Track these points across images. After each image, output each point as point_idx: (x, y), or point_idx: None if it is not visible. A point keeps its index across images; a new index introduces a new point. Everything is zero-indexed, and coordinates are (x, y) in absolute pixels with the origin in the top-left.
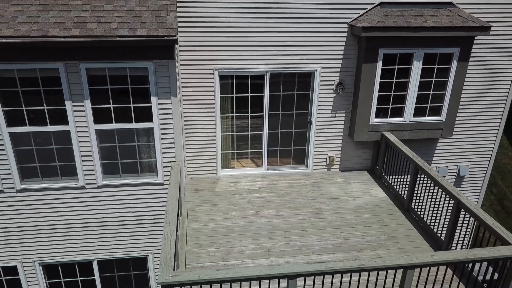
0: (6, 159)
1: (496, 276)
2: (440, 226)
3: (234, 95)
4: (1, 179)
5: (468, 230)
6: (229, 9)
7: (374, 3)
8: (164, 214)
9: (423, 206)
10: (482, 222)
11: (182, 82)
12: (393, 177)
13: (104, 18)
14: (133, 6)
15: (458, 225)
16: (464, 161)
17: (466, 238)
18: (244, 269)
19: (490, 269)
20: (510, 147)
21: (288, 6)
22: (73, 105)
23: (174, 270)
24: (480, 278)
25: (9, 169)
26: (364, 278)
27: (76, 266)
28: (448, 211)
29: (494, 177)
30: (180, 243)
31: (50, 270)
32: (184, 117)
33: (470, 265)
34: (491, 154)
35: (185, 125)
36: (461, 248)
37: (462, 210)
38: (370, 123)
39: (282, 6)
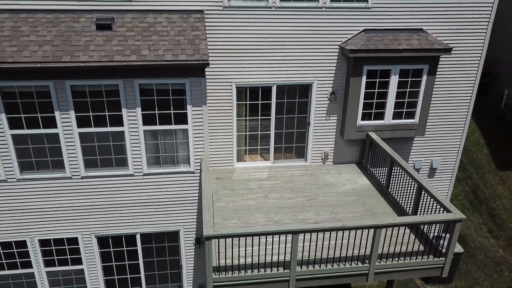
0: (75, 153)
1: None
2: (408, 205)
3: (248, 102)
4: (70, 168)
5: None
6: (244, 36)
7: (359, 30)
8: (193, 197)
9: (397, 190)
10: (433, 197)
11: (207, 93)
12: (376, 168)
13: (153, 46)
14: (173, 36)
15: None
16: (436, 155)
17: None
18: (261, 227)
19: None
20: (485, 145)
21: (290, 32)
22: (128, 111)
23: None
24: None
25: (76, 160)
26: (346, 235)
27: (123, 238)
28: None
29: (470, 171)
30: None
31: (102, 241)
32: (208, 119)
33: (425, 226)
34: (458, 150)
35: (208, 126)
36: None
37: (423, 191)
38: (357, 125)
39: (285, 32)
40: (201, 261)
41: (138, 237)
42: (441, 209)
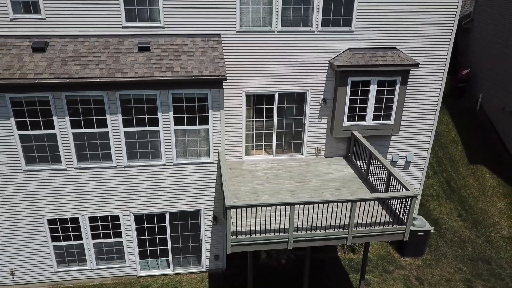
0: (120, 147)
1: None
2: (382, 188)
3: (254, 107)
4: (116, 160)
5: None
6: (252, 54)
7: (344, 48)
8: (212, 182)
9: (374, 177)
10: (398, 180)
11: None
12: (359, 160)
13: (183, 64)
14: (198, 56)
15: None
16: (410, 150)
17: None
18: (267, 201)
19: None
20: (460, 143)
21: (289, 50)
22: (162, 115)
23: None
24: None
25: (121, 153)
26: (330, 209)
27: (155, 216)
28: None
29: (446, 165)
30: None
31: (138, 218)
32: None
33: (392, 202)
34: (429, 145)
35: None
36: None
37: (391, 176)
38: (343, 125)
39: (285, 51)
40: (217, 235)
41: (167, 216)
42: (403, 189)
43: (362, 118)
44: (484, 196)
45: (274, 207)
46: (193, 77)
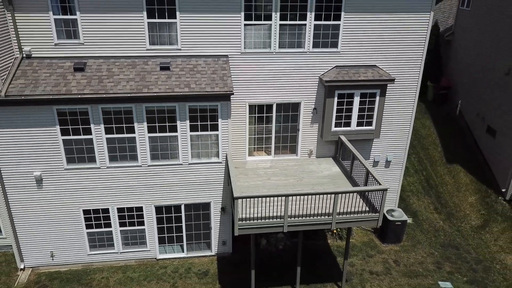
0: (145, 149)
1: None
2: (362, 183)
3: (256, 115)
4: (141, 160)
5: (372, 184)
6: (254, 71)
7: (332, 66)
8: (220, 179)
9: (356, 174)
10: (373, 176)
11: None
12: (345, 160)
13: (197, 81)
14: (210, 74)
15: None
16: (389, 151)
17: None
18: (267, 193)
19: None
20: (440, 144)
21: (285, 68)
22: (180, 123)
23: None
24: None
25: (145, 154)
26: (317, 200)
27: (172, 207)
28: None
29: (426, 164)
30: None
31: (158, 209)
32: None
33: (368, 193)
34: (406, 147)
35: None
36: None
37: (369, 174)
38: (331, 130)
39: (282, 68)
40: (224, 224)
41: (182, 207)
42: (377, 184)
43: (348, 124)
44: (458, 192)
45: (272, 198)
46: (206, 92)
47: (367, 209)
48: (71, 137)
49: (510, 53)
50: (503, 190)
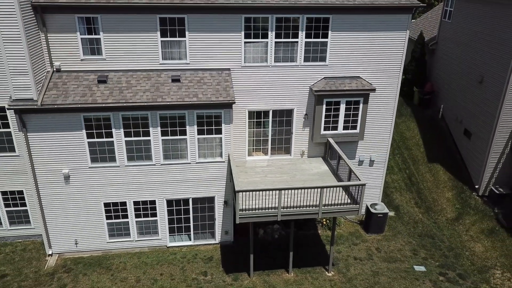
0: (158, 150)
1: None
2: (346, 179)
3: (255, 120)
4: (155, 159)
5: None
6: (253, 81)
7: (321, 77)
8: (223, 176)
9: (342, 172)
10: (354, 174)
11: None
12: (332, 160)
13: (204, 91)
14: (215, 86)
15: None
16: (373, 152)
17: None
18: (264, 188)
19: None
20: (422, 145)
21: (280, 79)
22: (189, 127)
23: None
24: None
25: (159, 154)
26: (306, 194)
27: (181, 201)
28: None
29: (409, 163)
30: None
31: (169, 203)
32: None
33: (352, 188)
34: (387, 148)
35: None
36: None
37: (351, 172)
38: (321, 133)
39: (277, 79)
40: (227, 216)
41: (190, 200)
42: (357, 180)
43: (335, 128)
44: (437, 188)
45: (268, 192)
46: (211, 102)
47: (349, 201)
48: (95, 139)
49: (483, 64)
50: (477, 186)
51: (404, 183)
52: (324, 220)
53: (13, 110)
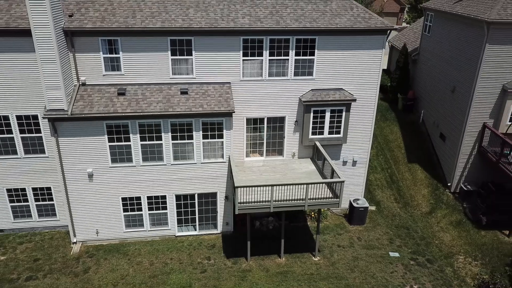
0: (169, 152)
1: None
2: (329, 177)
3: (252, 126)
4: (166, 160)
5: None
6: (250, 93)
7: (308, 89)
8: (224, 174)
9: (326, 171)
10: (336, 173)
11: (233, 122)
12: (319, 160)
13: (208, 102)
14: (217, 97)
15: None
16: (355, 153)
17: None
18: (259, 184)
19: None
20: (403, 147)
21: (274, 90)
22: (195, 133)
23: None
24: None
25: (169, 156)
26: (295, 189)
27: (188, 196)
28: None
29: (391, 164)
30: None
31: (178, 197)
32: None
33: (333, 184)
34: (368, 150)
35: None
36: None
37: (334, 172)
38: (309, 138)
39: (271, 91)
40: (227, 209)
41: (196, 196)
42: (338, 177)
43: (321, 133)
44: (415, 186)
45: (263, 187)
46: (214, 111)
47: (331, 195)
48: (115, 143)
49: (455, 75)
50: (449, 184)
51: (386, 181)
52: (312, 213)
53: (47, 119)
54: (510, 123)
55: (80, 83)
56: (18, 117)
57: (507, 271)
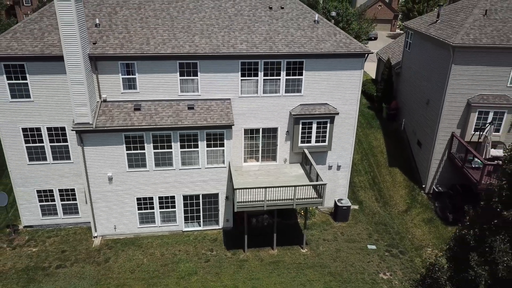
0: (178, 159)
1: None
2: (315, 180)
3: (249, 135)
4: (175, 165)
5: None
6: (247, 108)
7: (298, 104)
8: (225, 177)
9: (313, 174)
10: (319, 177)
11: (232, 132)
12: (307, 165)
13: (211, 116)
14: (219, 112)
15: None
16: (339, 159)
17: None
18: (255, 186)
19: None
20: (385, 152)
21: (267, 105)
22: (200, 142)
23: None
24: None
25: (178, 161)
26: (285, 190)
27: (194, 196)
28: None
29: (373, 167)
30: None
31: (184, 197)
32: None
33: (319, 187)
34: (350, 157)
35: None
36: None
37: (318, 175)
38: (298, 146)
39: (265, 105)
40: (228, 207)
41: (200, 196)
42: (321, 180)
43: (309, 141)
44: (394, 187)
45: (258, 189)
46: (217, 124)
47: (316, 196)
48: (132, 151)
49: (429, 89)
50: (423, 186)
51: (368, 183)
52: (302, 212)
53: (75, 131)
54: (474, 132)
55: (102, 99)
56: (48, 129)
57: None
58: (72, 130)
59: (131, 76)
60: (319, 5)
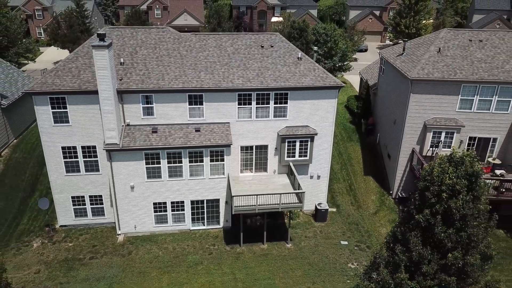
0: (187, 170)
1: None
2: (298, 189)
3: (244, 151)
4: (184, 176)
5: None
6: (242, 129)
7: (284, 126)
8: (224, 185)
9: (296, 184)
10: (300, 186)
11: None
12: (292, 176)
13: (214, 137)
14: (220, 133)
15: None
16: (319, 170)
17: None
18: (249, 193)
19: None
20: (362, 163)
21: (259, 127)
22: (205, 158)
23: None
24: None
25: (187, 173)
26: (273, 197)
27: (199, 201)
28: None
29: (350, 176)
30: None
31: (192, 202)
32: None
33: (300, 194)
34: (327, 168)
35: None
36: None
37: (299, 184)
38: (285, 159)
39: (258, 127)
40: (227, 210)
41: (205, 201)
42: (300, 189)
43: (293, 156)
44: (367, 193)
45: (251, 196)
46: (218, 144)
47: (298, 201)
48: (150, 165)
49: (395, 111)
50: (391, 192)
51: (346, 189)
52: (287, 213)
53: (105, 150)
54: (429, 148)
55: (126, 124)
56: (82, 147)
57: None
58: (103, 149)
59: (149, 105)
60: (309, 28)
